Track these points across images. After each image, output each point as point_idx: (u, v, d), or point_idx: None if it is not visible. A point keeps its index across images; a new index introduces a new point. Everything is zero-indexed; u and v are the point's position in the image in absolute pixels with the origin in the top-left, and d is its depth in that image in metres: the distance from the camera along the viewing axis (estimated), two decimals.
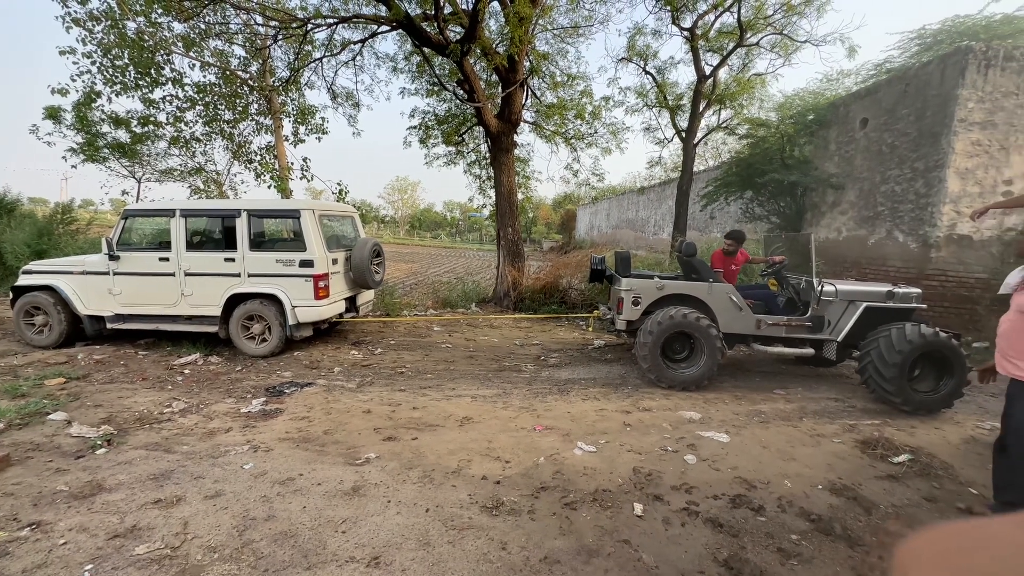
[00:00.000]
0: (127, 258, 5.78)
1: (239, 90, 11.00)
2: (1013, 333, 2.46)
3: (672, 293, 4.94)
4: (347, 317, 6.63)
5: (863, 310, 4.72)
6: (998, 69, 7.39)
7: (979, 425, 4.11)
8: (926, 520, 2.63)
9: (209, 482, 2.79)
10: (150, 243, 6.54)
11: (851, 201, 9.84)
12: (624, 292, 4.98)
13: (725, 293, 4.93)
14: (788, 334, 4.94)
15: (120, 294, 5.79)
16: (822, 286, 4.86)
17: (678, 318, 4.72)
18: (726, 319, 4.91)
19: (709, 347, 4.75)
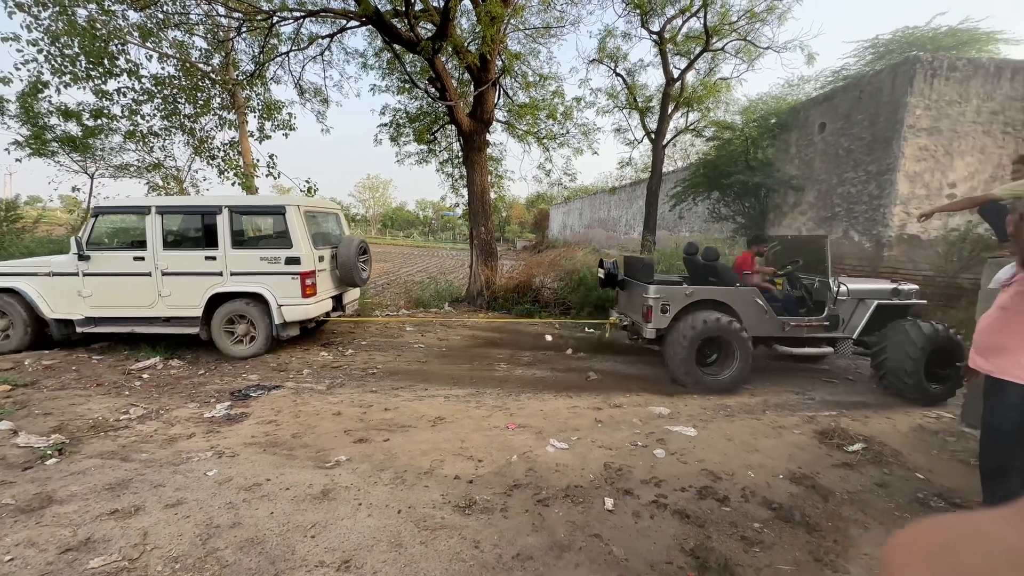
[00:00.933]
0: (98, 258, 5.49)
1: (200, 83, 10.59)
2: (989, 330, 2.54)
3: (699, 299, 4.87)
4: (334, 316, 6.51)
5: (875, 308, 4.92)
6: (943, 78, 7.84)
7: (926, 414, 4.36)
8: (878, 505, 2.78)
9: (170, 490, 2.69)
10: (122, 242, 6.22)
11: (810, 202, 10.26)
12: (653, 299, 4.83)
13: (751, 296, 4.94)
14: (808, 334, 5.03)
15: (91, 296, 5.51)
16: (840, 286, 5.01)
17: (712, 323, 4.69)
18: (752, 322, 4.90)
19: (742, 351, 4.76)
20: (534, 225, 43.66)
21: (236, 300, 5.54)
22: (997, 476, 2.49)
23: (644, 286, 5.01)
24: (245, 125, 11.73)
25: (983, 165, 7.97)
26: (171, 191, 11.88)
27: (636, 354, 6.35)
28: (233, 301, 5.54)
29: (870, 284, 5.25)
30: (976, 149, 7.95)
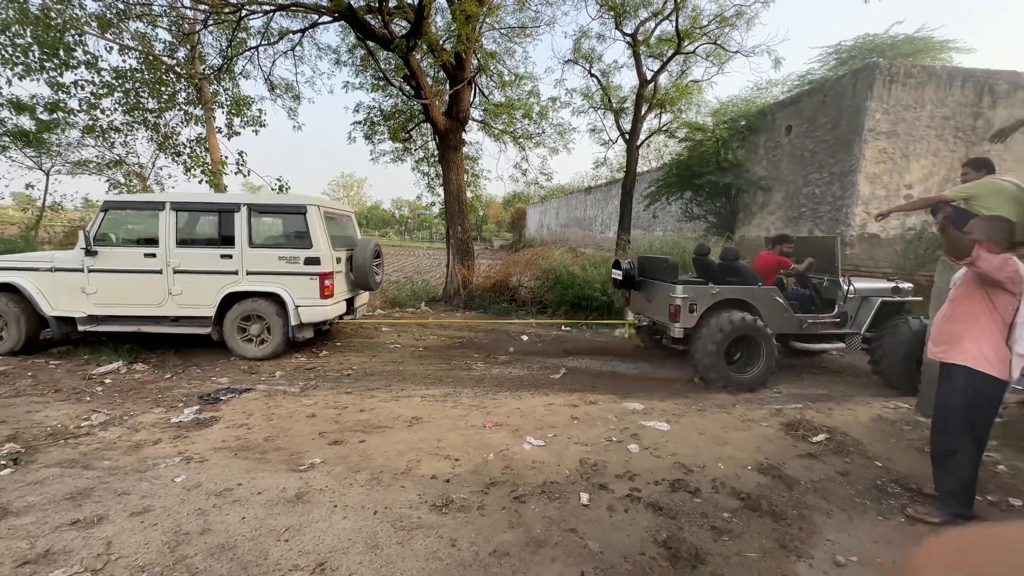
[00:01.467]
0: (106, 253, 5.28)
1: (164, 77, 10.21)
2: (940, 321, 2.76)
3: (724, 298, 4.94)
4: (346, 319, 6.38)
5: (879, 305, 5.15)
6: (900, 84, 8.21)
7: (885, 405, 4.57)
8: (840, 492, 2.90)
9: (135, 498, 2.61)
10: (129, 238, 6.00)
11: (778, 202, 10.59)
12: (681, 299, 4.88)
13: (772, 295, 5.07)
14: (822, 331, 5.23)
15: (95, 293, 5.29)
16: (850, 285, 5.23)
17: (739, 322, 4.79)
18: (774, 320, 5.02)
19: (768, 348, 4.88)
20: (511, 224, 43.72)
21: (250, 300, 5.43)
22: (946, 459, 2.65)
23: (670, 286, 5.03)
24: (212, 121, 11.39)
25: (936, 167, 8.39)
26: (133, 189, 11.43)
27: (610, 352, 6.45)
28: (248, 301, 5.42)
29: (873, 283, 5.51)
30: (930, 152, 8.36)
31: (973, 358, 2.54)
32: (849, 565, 2.24)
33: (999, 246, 2.53)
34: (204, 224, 5.94)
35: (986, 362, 2.51)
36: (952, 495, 2.61)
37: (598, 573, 2.12)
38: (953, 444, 2.63)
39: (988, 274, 2.46)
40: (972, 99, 8.28)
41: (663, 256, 5.55)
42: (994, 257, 2.45)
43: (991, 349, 2.51)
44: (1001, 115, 8.32)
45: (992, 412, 2.59)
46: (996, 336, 2.51)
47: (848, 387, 5.21)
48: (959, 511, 2.59)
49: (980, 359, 2.52)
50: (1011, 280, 2.43)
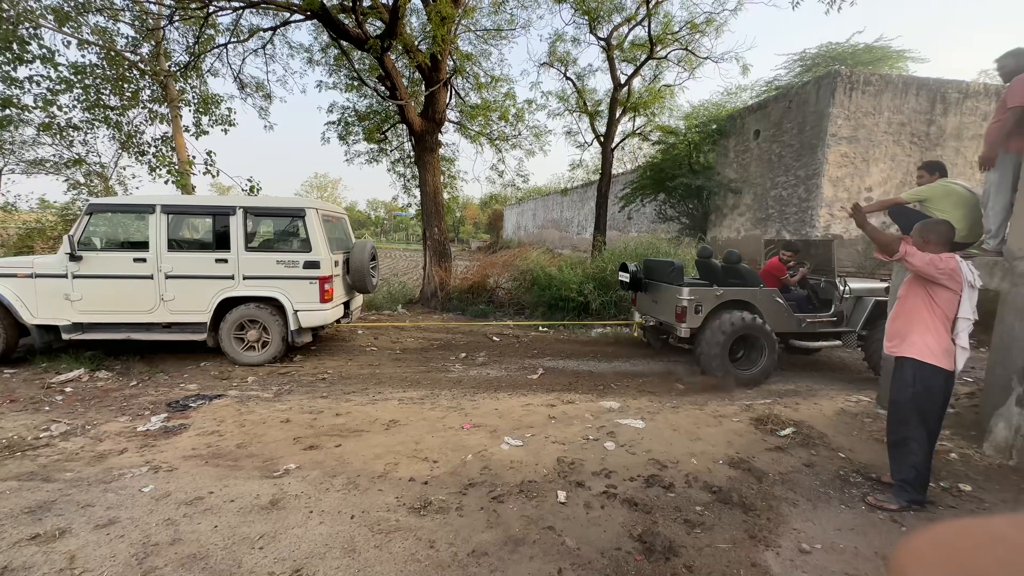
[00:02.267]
0: (91, 259, 5.05)
1: (127, 74, 9.85)
2: (892, 317, 2.94)
3: (728, 299, 5.13)
4: (343, 323, 6.27)
5: (873, 304, 5.35)
6: (860, 91, 8.57)
7: (848, 399, 4.77)
8: (806, 483, 3.02)
9: (100, 510, 2.52)
10: (115, 242, 5.75)
11: (748, 204, 10.92)
12: (688, 300, 5.04)
13: (773, 297, 5.27)
14: (820, 329, 5.42)
15: (81, 300, 5.07)
16: (847, 286, 5.45)
17: (740, 322, 4.97)
18: (774, 320, 5.22)
19: (770, 347, 5.08)
20: (488, 225, 43.70)
21: (247, 305, 5.29)
22: (900, 448, 2.80)
23: (677, 288, 5.21)
24: (179, 119, 11.02)
25: (894, 171, 8.80)
26: (94, 189, 10.98)
27: (585, 353, 6.53)
28: (244, 306, 5.28)
29: (867, 283, 5.75)
30: (888, 156, 8.77)
31: (920, 351, 2.69)
32: (814, 552, 2.33)
33: (939, 246, 2.70)
34: (197, 227, 5.78)
35: (932, 355, 2.66)
36: (907, 483, 2.75)
37: (575, 569, 2.16)
38: (905, 434, 2.78)
39: (919, 270, 2.64)
40: (926, 106, 8.72)
41: (669, 260, 5.72)
42: (922, 254, 2.61)
43: (936, 343, 2.67)
44: (952, 122, 8.79)
45: (941, 402, 2.74)
46: (940, 330, 2.68)
47: (814, 382, 5.41)
48: (914, 498, 2.73)
49: (927, 352, 2.68)
50: (948, 277, 2.60)
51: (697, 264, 6.04)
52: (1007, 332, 3.44)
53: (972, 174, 8.69)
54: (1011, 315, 3.41)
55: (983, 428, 3.59)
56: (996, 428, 3.44)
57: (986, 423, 3.55)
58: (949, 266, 2.61)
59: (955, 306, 2.65)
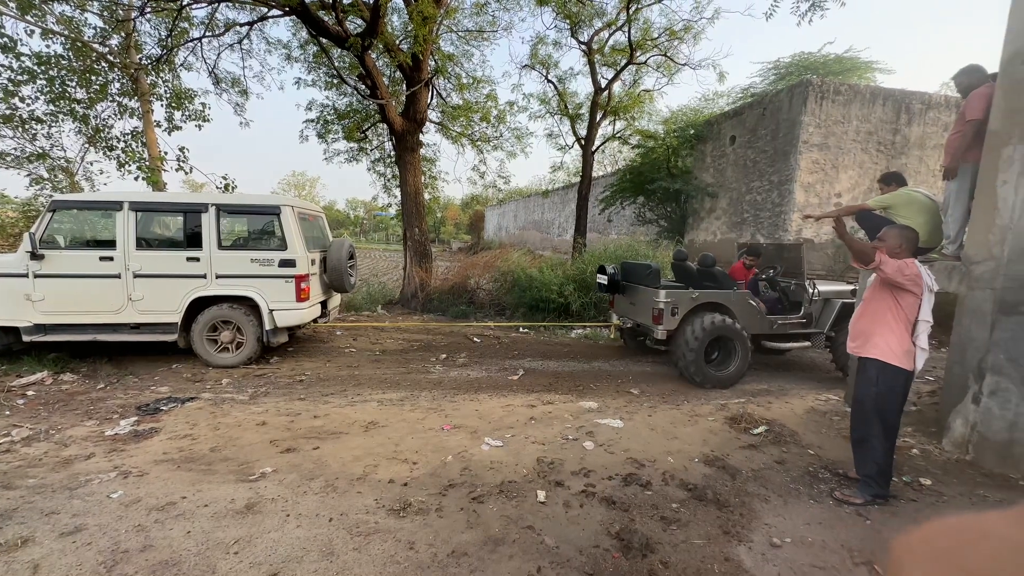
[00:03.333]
0: (54, 257, 4.85)
1: (95, 66, 9.52)
2: (855, 318, 3.07)
3: (703, 302, 5.21)
4: (320, 322, 6.15)
5: (840, 306, 5.50)
6: (830, 100, 8.87)
7: (818, 398, 4.93)
8: (777, 480, 3.12)
9: (65, 517, 2.43)
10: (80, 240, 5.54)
11: (724, 208, 11.16)
12: (665, 303, 5.10)
13: (746, 299, 5.37)
14: (791, 331, 5.55)
15: (43, 300, 4.85)
16: (816, 288, 5.60)
17: (718, 324, 5.05)
18: (747, 322, 5.31)
19: (743, 348, 5.17)
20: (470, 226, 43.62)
21: (221, 305, 5.16)
22: (863, 444, 2.92)
23: (653, 291, 5.28)
24: (150, 114, 10.68)
25: (862, 178, 9.13)
26: (60, 185, 10.57)
27: (565, 354, 6.59)
28: (218, 306, 5.15)
29: (835, 286, 5.92)
30: (856, 164, 9.09)
31: (883, 353, 2.81)
32: (784, 546, 2.41)
33: (908, 253, 2.83)
34: (168, 225, 5.61)
35: (895, 356, 2.78)
36: (871, 477, 2.86)
37: (554, 567, 2.19)
38: (868, 431, 2.90)
39: (890, 277, 2.75)
40: (891, 116, 9.08)
41: (646, 263, 5.80)
42: (893, 262, 2.74)
43: (899, 344, 2.79)
44: (916, 132, 9.17)
45: (901, 401, 2.87)
46: (903, 332, 2.80)
47: (786, 381, 5.57)
48: (878, 492, 2.85)
49: (890, 354, 2.80)
50: (912, 282, 2.74)
51: (673, 267, 6.16)
52: (964, 333, 3.61)
53: (934, 182, 9.09)
54: (968, 317, 3.58)
55: (943, 425, 3.76)
56: (954, 424, 3.61)
57: (945, 420, 3.71)
58: (913, 272, 2.74)
59: (916, 309, 2.79)
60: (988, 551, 0.43)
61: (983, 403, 3.39)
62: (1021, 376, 3.24)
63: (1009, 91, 3.41)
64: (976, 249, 3.57)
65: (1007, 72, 3.43)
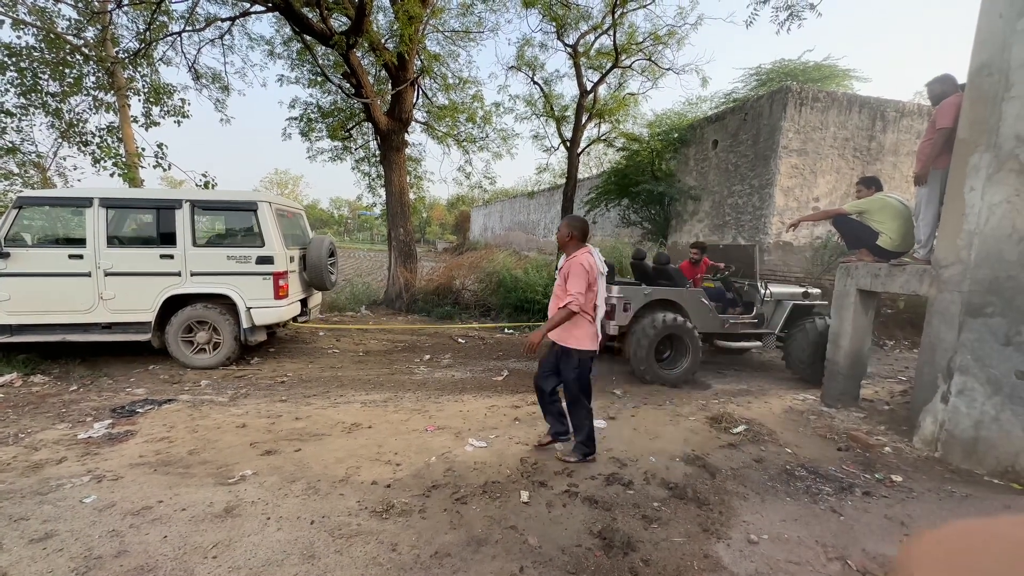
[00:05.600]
0: (21, 255, 4.69)
1: (69, 58, 9.25)
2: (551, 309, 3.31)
3: (655, 299, 5.26)
4: (300, 321, 6.06)
5: (791, 307, 5.64)
6: (808, 107, 9.07)
7: (795, 397, 5.04)
8: (755, 478, 3.18)
9: (35, 523, 2.36)
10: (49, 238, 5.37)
11: (706, 211, 11.34)
12: (616, 298, 5.14)
13: (697, 297, 5.43)
14: (742, 330, 5.65)
15: (8, 300, 4.70)
16: (768, 289, 5.74)
17: (669, 322, 5.09)
18: (699, 320, 5.38)
19: (693, 347, 5.22)
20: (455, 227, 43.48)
21: (196, 306, 5.07)
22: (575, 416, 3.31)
23: (607, 286, 5.28)
24: (127, 109, 10.43)
25: (839, 183, 9.36)
26: (31, 181, 10.24)
27: None
28: (192, 307, 5.06)
29: (786, 288, 6.07)
30: (833, 169, 9.32)
31: (580, 342, 3.13)
32: (761, 543, 2.47)
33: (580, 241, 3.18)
34: (140, 222, 5.48)
35: (590, 341, 3.14)
36: (583, 443, 3.28)
37: (536, 566, 2.20)
38: (578, 405, 3.26)
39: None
40: (867, 123, 9.34)
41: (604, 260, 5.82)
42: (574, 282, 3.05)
43: (590, 329, 3.14)
44: (890, 138, 9.44)
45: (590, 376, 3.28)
46: (587, 319, 3.13)
47: (765, 382, 5.69)
48: (587, 452, 3.29)
49: (586, 341, 3.13)
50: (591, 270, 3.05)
51: (632, 266, 6.29)
52: (934, 334, 3.73)
53: (907, 188, 9.37)
54: (937, 319, 3.71)
55: (913, 423, 3.88)
56: (924, 423, 3.73)
57: (915, 418, 3.84)
58: (590, 261, 3.07)
59: (595, 294, 3.12)
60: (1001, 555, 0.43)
61: (951, 402, 3.52)
62: (987, 376, 3.37)
63: (976, 102, 3.54)
64: (945, 253, 3.69)
65: (974, 83, 3.56)
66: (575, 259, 3.10)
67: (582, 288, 3.02)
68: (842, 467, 3.40)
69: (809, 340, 5.42)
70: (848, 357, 4.57)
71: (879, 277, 4.30)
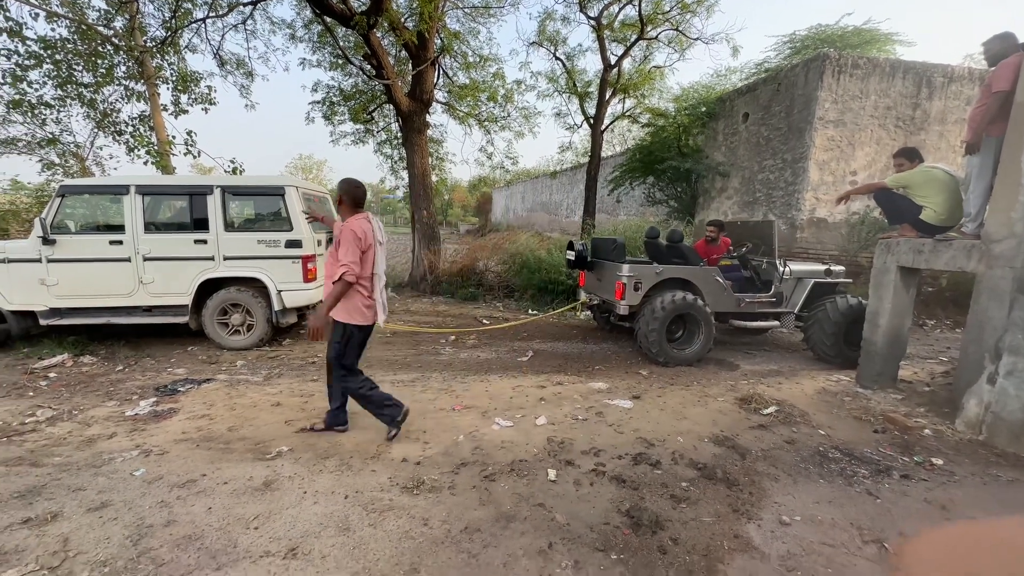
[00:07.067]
0: (66, 242, 4.94)
1: (100, 48, 9.47)
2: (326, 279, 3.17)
3: (667, 278, 5.15)
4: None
5: (812, 286, 5.45)
6: (847, 75, 8.59)
7: (828, 378, 4.90)
8: (787, 459, 3.13)
9: (92, 493, 2.52)
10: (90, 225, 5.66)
11: (735, 187, 10.97)
12: (627, 278, 5.04)
13: (713, 276, 5.30)
14: (759, 309, 5.49)
15: (57, 284, 4.96)
16: (787, 267, 5.54)
17: (680, 301, 4.97)
18: (713, 300, 5.26)
19: (706, 326, 5.10)
20: (477, 209, 43.37)
21: (230, 289, 5.26)
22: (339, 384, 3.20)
23: (617, 265, 5.22)
24: (157, 98, 10.67)
25: (879, 155, 8.90)
26: (70, 170, 10.64)
27: (574, 336, 6.60)
28: (226, 290, 5.25)
29: (807, 266, 5.85)
30: (873, 140, 8.85)
31: (348, 315, 3.00)
32: (793, 524, 2.43)
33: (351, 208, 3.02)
34: (175, 208, 5.66)
35: (360, 315, 3.02)
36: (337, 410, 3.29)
37: (565, 543, 2.23)
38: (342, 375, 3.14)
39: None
40: (912, 90, 8.79)
41: (612, 237, 5.70)
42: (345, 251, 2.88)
43: (361, 302, 3.01)
44: (937, 106, 8.89)
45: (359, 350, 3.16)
46: (362, 290, 3.01)
47: (796, 362, 5.54)
48: (339, 419, 3.29)
49: (355, 315, 3.00)
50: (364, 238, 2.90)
51: (645, 244, 6.11)
52: (982, 312, 3.55)
53: (954, 158, 8.84)
54: (986, 297, 3.52)
55: (956, 405, 3.73)
56: (968, 405, 3.58)
57: (959, 400, 3.68)
58: (364, 228, 2.91)
59: (371, 264, 3.00)
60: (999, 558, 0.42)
61: (999, 383, 3.36)
62: None
63: None
64: (997, 227, 3.48)
65: None
66: (347, 226, 2.91)
67: (355, 257, 2.87)
68: (878, 449, 3.31)
69: (830, 319, 5.19)
70: (886, 336, 4.40)
71: (922, 253, 4.09)
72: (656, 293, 5.12)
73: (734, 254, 6.10)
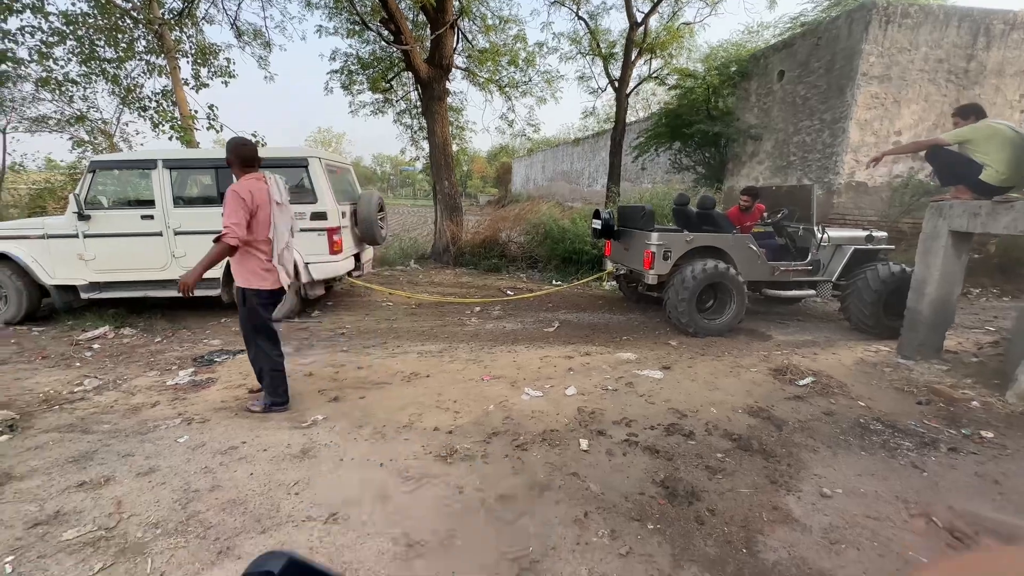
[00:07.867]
0: (100, 217, 5.08)
1: (120, 23, 9.46)
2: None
3: (698, 246, 4.99)
4: (354, 275, 6.27)
5: (852, 253, 5.21)
6: (896, 25, 7.96)
7: (867, 348, 4.73)
8: (825, 431, 3.04)
9: (140, 459, 2.62)
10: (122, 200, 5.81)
11: (768, 151, 10.47)
12: (656, 246, 4.91)
13: (745, 243, 5.13)
14: (794, 278, 5.30)
15: (94, 259, 5.13)
16: (824, 233, 5.27)
17: (711, 270, 4.83)
18: (746, 268, 5.09)
19: (739, 295, 4.96)
20: (497, 179, 42.83)
21: None
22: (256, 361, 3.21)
23: (646, 233, 5.06)
24: (178, 72, 10.66)
25: (927, 113, 8.32)
26: (99, 147, 10.83)
27: (600, 306, 6.51)
28: None
29: (847, 232, 5.56)
30: (921, 97, 8.26)
31: (247, 280, 2.98)
32: (835, 496, 2.37)
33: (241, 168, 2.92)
34: (202, 182, 5.71)
35: (258, 280, 2.98)
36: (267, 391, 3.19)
37: (600, 512, 2.22)
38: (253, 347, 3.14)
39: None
40: (967, 40, 8.11)
41: (640, 205, 5.50)
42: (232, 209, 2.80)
43: (258, 266, 2.97)
44: (994, 57, 8.20)
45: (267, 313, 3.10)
46: (259, 254, 2.95)
47: (833, 333, 5.36)
48: (274, 401, 3.18)
49: (253, 279, 2.97)
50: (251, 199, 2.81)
51: (673, 212, 5.87)
52: None
53: (1011, 114, 8.20)
54: None
55: (1007, 376, 3.55)
56: (1021, 376, 3.40)
57: (1011, 371, 3.51)
58: (251, 188, 2.82)
59: (267, 227, 2.92)
60: None
61: None
62: None
63: None
64: None
65: None
66: (232, 187, 2.82)
67: (239, 219, 2.76)
68: (923, 421, 3.19)
69: (871, 288, 4.94)
70: (933, 305, 4.19)
71: (979, 216, 3.83)
72: (686, 262, 4.96)
73: (768, 220, 5.84)
